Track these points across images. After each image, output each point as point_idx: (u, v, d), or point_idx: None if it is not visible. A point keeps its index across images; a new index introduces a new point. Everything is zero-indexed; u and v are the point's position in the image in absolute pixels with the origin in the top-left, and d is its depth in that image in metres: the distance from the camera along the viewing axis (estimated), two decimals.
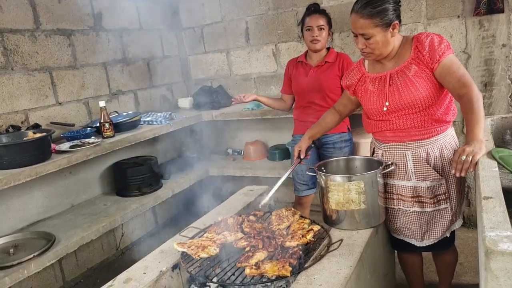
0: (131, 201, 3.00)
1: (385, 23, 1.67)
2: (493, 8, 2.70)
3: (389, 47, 1.73)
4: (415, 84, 1.71)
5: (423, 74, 1.71)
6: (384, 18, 1.66)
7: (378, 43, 1.70)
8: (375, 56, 1.77)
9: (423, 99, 1.72)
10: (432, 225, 1.87)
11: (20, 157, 2.18)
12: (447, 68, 1.65)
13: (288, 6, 3.48)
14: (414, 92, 1.72)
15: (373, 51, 1.73)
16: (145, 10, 3.65)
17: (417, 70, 1.71)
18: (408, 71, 1.73)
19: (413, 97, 1.72)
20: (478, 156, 1.45)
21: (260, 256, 1.54)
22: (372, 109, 1.85)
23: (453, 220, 1.88)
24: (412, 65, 1.72)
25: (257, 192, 2.45)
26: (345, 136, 2.62)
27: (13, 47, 2.66)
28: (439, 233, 1.88)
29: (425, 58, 1.69)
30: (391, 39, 1.72)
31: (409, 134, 1.79)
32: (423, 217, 1.86)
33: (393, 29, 1.69)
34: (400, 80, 1.75)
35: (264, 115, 3.30)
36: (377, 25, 1.66)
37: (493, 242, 0.85)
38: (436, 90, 1.72)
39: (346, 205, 1.75)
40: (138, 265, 1.73)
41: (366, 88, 1.87)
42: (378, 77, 1.83)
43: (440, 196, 1.82)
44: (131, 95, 3.57)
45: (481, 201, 1.08)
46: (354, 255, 1.55)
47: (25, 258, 2.17)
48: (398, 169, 1.85)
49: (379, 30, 1.67)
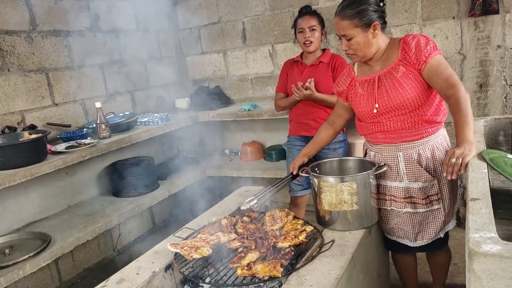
0: (128, 201, 3.01)
1: (364, 24, 1.69)
2: (488, 9, 2.71)
3: (371, 48, 1.75)
4: (403, 85, 1.72)
5: (410, 75, 1.71)
6: (363, 19, 1.68)
7: (360, 44, 1.72)
8: (359, 58, 1.79)
9: (412, 100, 1.72)
10: (425, 226, 1.87)
11: (15, 158, 2.19)
12: (434, 69, 1.66)
13: (285, 7, 3.49)
14: (402, 93, 1.72)
15: (356, 52, 1.76)
16: (142, 11, 3.66)
17: (404, 71, 1.72)
18: (396, 73, 1.74)
19: (402, 98, 1.73)
20: (468, 158, 1.46)
21: (252, 257, 1.55)
22: (363, 111, 1.87)
23: (446, 221, 1.89)
24: (399, 67, 1.73)
25: (252, 192, 2.45)
26: (339, 137, 2.62)
27: (9, 49, 2.67)
28: (432, 234, 1.89)
29: (412, 59, 1.70)
30: (374, 40, 1.73)
31: (400, 135, 1.80)
32: (416, 218, 1.86)
33: (374, 30, 1.71)
34: (388, 81, 1.75)
35: (261, 115, 3.31)
36: (356, 26, 1.69)
37: (476, 243, 0.86)
38: (425, 91, 1.72)
39: (338, 206, 1.76)
40: (132, 265, 1.73)
41: (356, 92, 1.88)
42: (367, 80, 1.84)
43: (433, 197, 1.82)
44: (128, 95, 3.58)
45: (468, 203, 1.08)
46: (345, 256, 1.56)
47: (20, 259, 2.18)
48: (390, 170, 1.85)
49: (359, 31, 1.70)
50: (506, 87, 2.83)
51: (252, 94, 3.88)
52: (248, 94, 3.91)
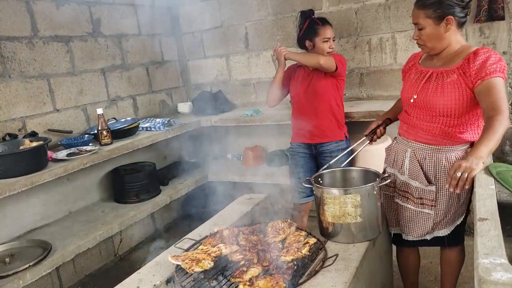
0: (129, 208, 2.99)
1: (437, 16, 1.68)
2: (493, 16, 2.68)
3: (442, 42, 1.74)
4: (444, 91, 1.72)
5: (458, 86, 1.70)
6: (437, 11, 1.67)
7: (429, 36, 1.73)
8: (428, 49, 1.79)
9: (445, 108, 1.73)
10: (413, 224, 1.92)
11: (15, 167, 2.18)
12: (489, 88, 1.61)
13: (288, 11, 3.46)
14: (439, 98, 1.73)
15: (425, 43, 1.76)
16: (144, 16, 3.64)
17: (455, 79, 1.71)
18: (447, 77, 1.73)
19: (437, 102, 1.74)
20: (474, 173, 1.44)
21: (254, 272, 1.52)
22: (404, 97, 1.92)
23: (436, 228, 1.89)
24: (454, 73, 1.72)
25: (254, 201, 2.43)
26: (342, 144, 2.60)
27: (11, 55, 2.65)
28: (418, 233, 1.92)
29: (471, 71, 1.66)
30: (446, 35, 1.72)
31: (416, 133, 1.85)
32: (405, 212, 1.92)
33: (446, 24, 1.69)
34: (436, 81, 1.76)
35: (263, 121, 3.28)
36: (428, 17, 1.69)
37: (486, 270, 0.83)
38: (465, 106, 1.71)
39: (342, 218, 1.73)
40: (132, 277, 1.71)
41: (409, 76, 1.93)
42: (422, 71, 1.86)
43: (426, 201, 1.84)
44: (130, 100, 3.56)
45: (476, 223, 1.06)
46: (349, 270, 1.53)
47: (20, 268, 2.17)
48: (397, 161, 1.94)
49: (430, 22, 1.70)
50: (511, 94, 2.79)
51: (255, 98, 3.86)
52: (250, 99, 3.88)
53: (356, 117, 2.82)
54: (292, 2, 3.42)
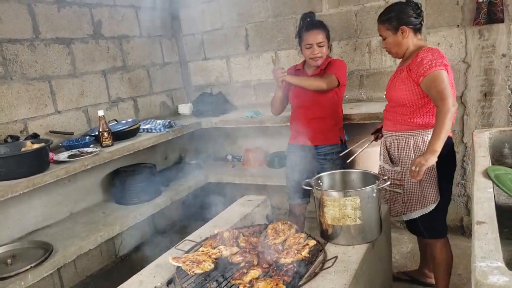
0: (130, 209, 3.00)
1: (393, 27, 2.06)
2: (492, 18, 2.68)
3: (402, 47, 2.08)
4: (396, 85, 2.08)
5: (407, 81, 2.02)
6: (392, 24, 2.05)
7: (391, 44, 2.10)
8: (394, 54, 2.15)
9: (399, 98, 2.06)
10: (391, 203, 2.20)
11: (17, 169, 2.18)
12: (430, 82, 1.90)
13: (288, 13, 3.47)
14: (394, 91, 2.09)
15: (390, 50, 2.14)
16: (145, 17, 3.66)
17: (404, 76, 2.03)
18: (401, 73, 2.07)
19: (393, 94, 2.10)
20: (424, 167, 1.80)
21: (254, 274, 1.54)
22: None
23: (408, 209, 2.11)
24: (404, 71, 2.05)
25: (254, 202, 2.45)
26: (337, 148, 2.60)
27: (12, 57, 2.67)
28: (394, 211, 2.20)
29: (414, 69, 1.98)
30: (404, 41, 2.06)
31: (386, 124, 2.20)
32: (386, 193, 2.20)
33: (402, 33, 2.04)
34: (394, 77, 2.14)
35: (263, 123, 3.29)
36: (387, 29, 2.08)
37: (483, 274, 0.84)
38: (415, 97, 2.02)
39: (342, 221, 1.75)
40: (134, 279, 1.73)
41: None
42: (396, 70, 2.20)
43: (395, 181, 2.12)
44: (131, 102, 3.57)
45: (474, 226, 1.07)
46: (348, 273, 1.55)
47: (22, 269, 2.18)
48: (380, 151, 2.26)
49: (389, 33, 2.08)
50: (511, 96, 2.80)
51: (255, 100, 3.87)
52: (251, 100, 3.89)
53: (356, 119, 2.83)
54: (292, 4, 3.43)
